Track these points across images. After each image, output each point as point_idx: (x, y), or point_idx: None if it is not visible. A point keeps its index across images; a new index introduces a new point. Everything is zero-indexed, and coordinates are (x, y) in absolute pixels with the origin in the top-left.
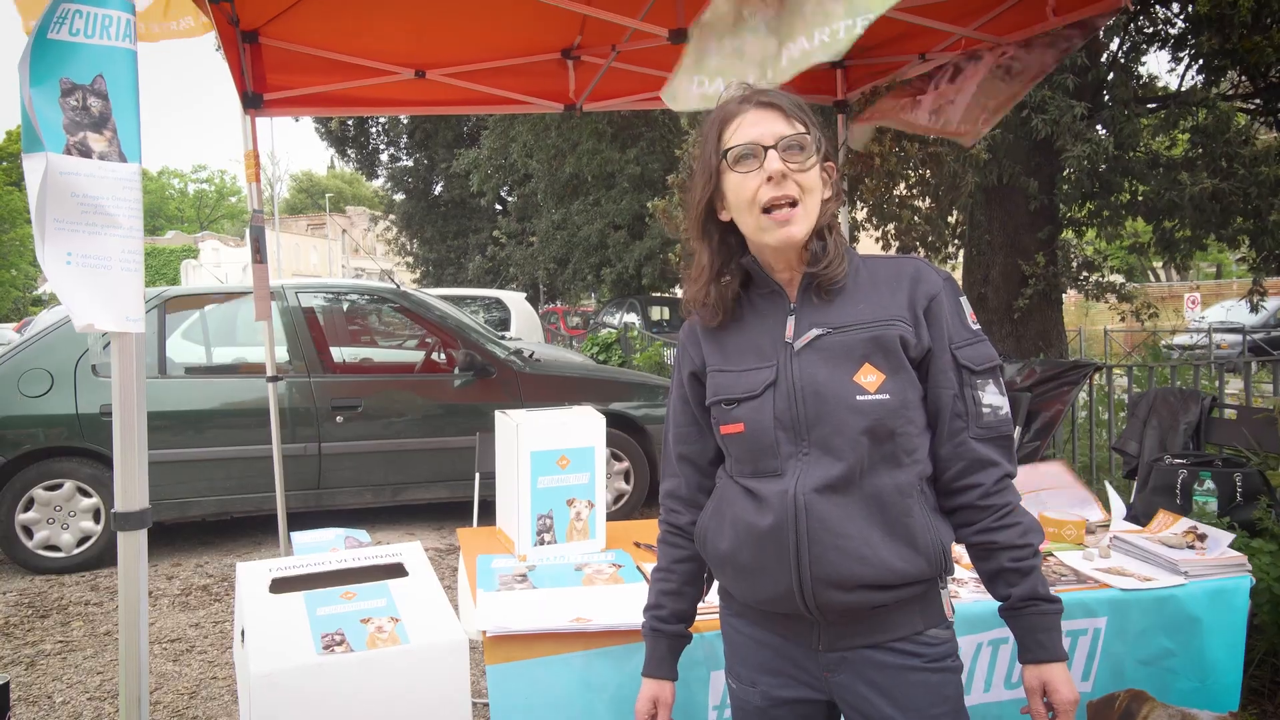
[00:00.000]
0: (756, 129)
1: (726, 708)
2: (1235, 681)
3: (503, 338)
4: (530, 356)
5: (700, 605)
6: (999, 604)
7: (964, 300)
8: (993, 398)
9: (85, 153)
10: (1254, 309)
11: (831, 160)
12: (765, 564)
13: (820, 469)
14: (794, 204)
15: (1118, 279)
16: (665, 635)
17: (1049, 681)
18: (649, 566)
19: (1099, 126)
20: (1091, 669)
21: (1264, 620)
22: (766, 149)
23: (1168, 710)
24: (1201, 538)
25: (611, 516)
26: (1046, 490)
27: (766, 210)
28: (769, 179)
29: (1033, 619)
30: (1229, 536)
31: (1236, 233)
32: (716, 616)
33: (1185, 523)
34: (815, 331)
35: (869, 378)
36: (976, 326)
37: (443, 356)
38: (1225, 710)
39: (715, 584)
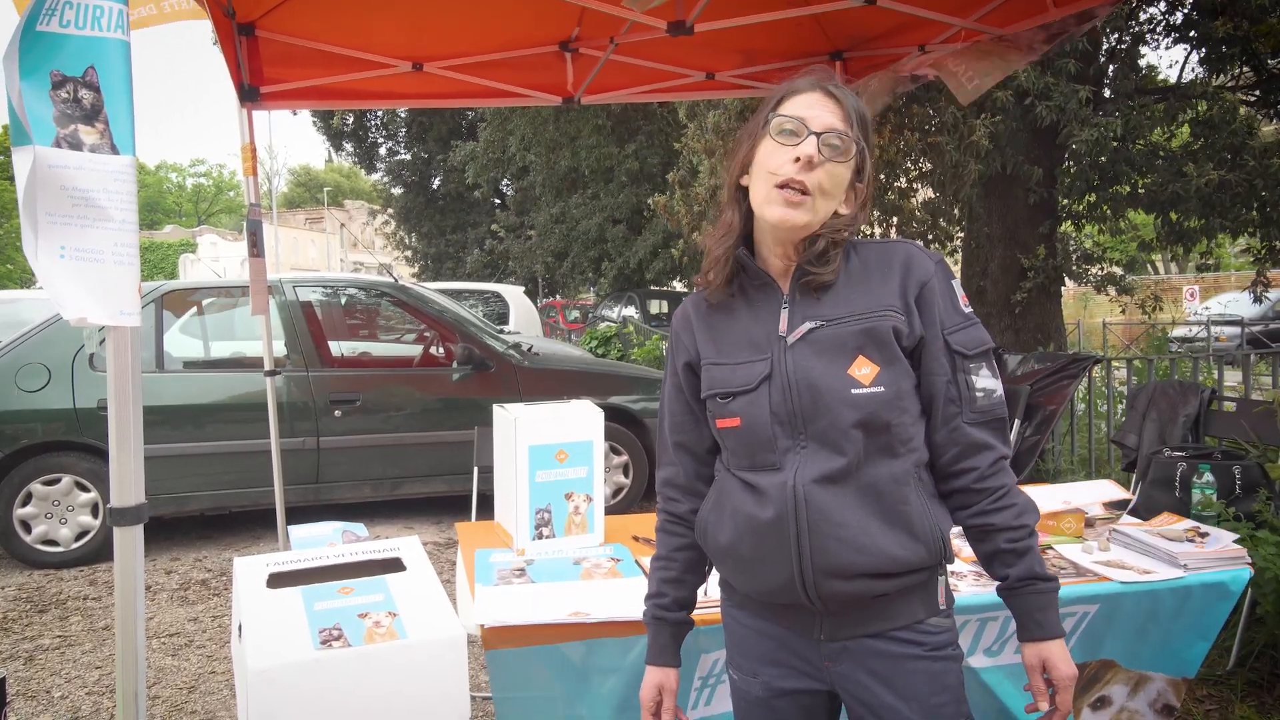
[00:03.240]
0: (811, 111)
1: (710, 678)
2: (1198, 654)
3: (501, 332)
4: (529, 350)
5: (705, 598)
6: (997, 584)
7: (956, 283)
8: (986, 381)
9: (76, 145)
10: (1258, 299)
11: (864, 183)
12: (766, 555)
13: (818, 462)
14: (806, 193)
15: (1118, 271)
16: (668, 623)
17: (1048, 659)
18: (647, 560)
19: (1100, 116)
20: (1071, 641)
21: (1267, 610)
22: (810, 132)
23: (1127, 674)
24: (1204, 535)
25: (610, 510)
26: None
27: (780, 185)
28: (797, 159)
29: (1030, 598)
30: (1231, 535)
31: (1242, 224)
32: (710, 610)
33: (1187, 523)
34: (808, 325)
35: (863, 370)
36: (968, 310)
37: (441, 351)
38: (1179, 675)
39: (715, 576)
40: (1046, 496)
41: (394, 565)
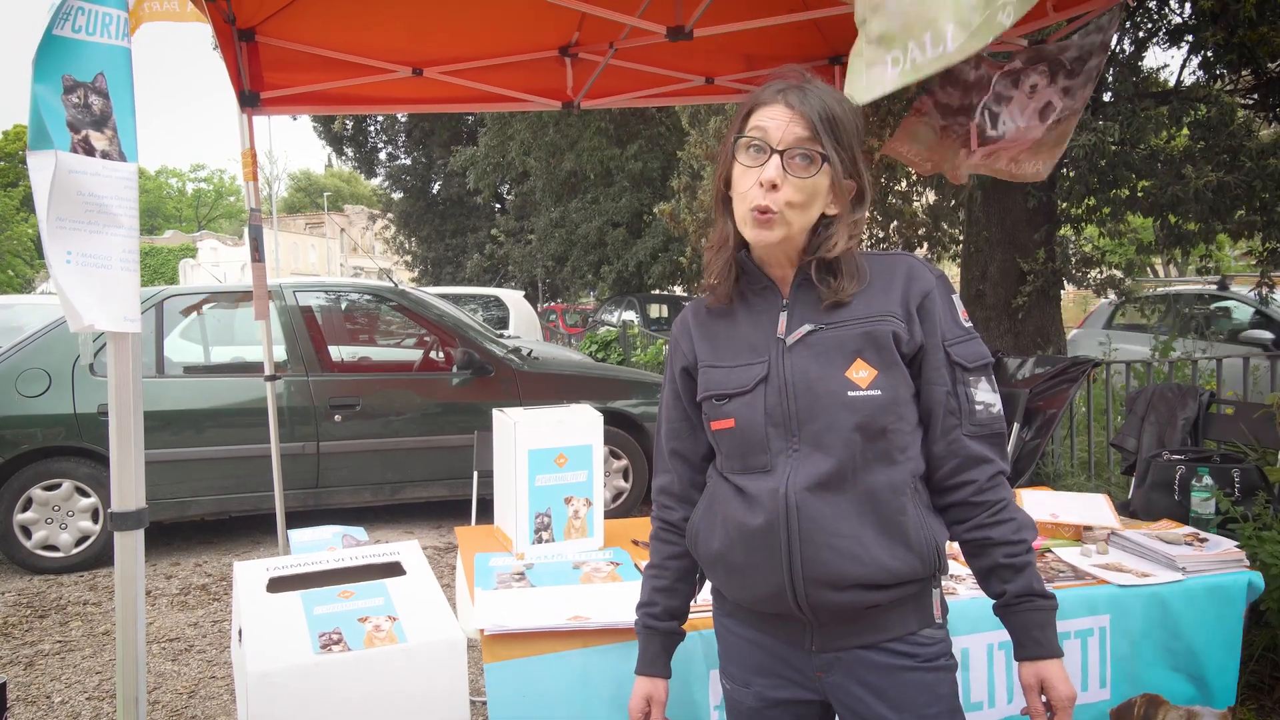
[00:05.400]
0: (774, 124)
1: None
2: (1231, 677)
3: (501, 336)
4: (528, 355)
5: (699, 604)
6: (993, 601)
7: (956, 298)
8: (985, 395)
9: (89, 151)
10: (1264, 301)
11: (854, 179)
12: (757, 564)
13: (810, 466)
14: (770, 213)
15: (1118, 274)
16: (659, 632)
17: (1046, 678)
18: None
19: (1100, 121)
20: (1107, 676)
21: (1269, 608)
22: (773, 151)
23: (1177, 711)
24: (1203, 540)
25: (610, 514)
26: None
27: (751, 209)
28: (759, 184)
29: (1028, 615)
30: (1229, 542)
31: (1242, 226)
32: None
33: (1186, 529)
34: (808, 327)
35: (861, 373)
36: (968, 324)
37: (441, 355)
38: (1224, 706)
39: (708, 583)
40: (1036, 505)
41: (394, 569)
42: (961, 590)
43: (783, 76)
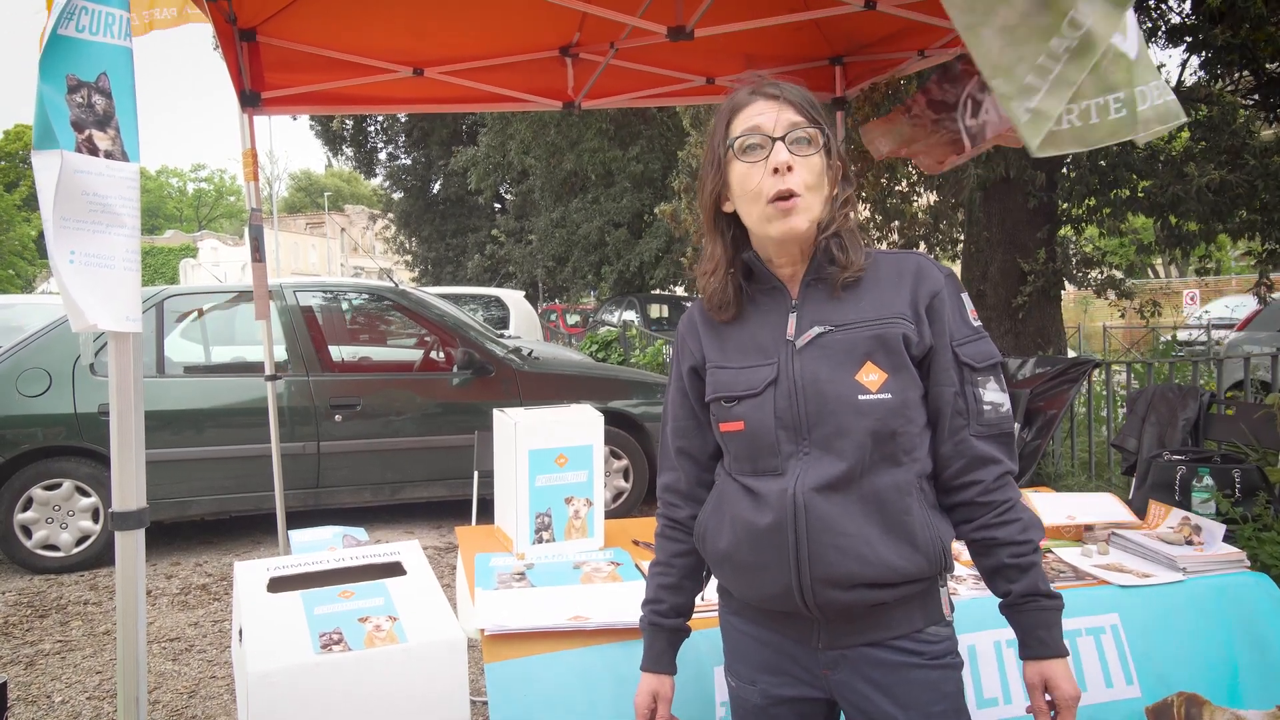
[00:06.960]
0: (765, 118)
1: None
2: (1270, 677)
3: (501, 336)
4: (529, 355)
5: (705, 602)
6: (999, 600)
7: (965, 296)
8: (994, 395)
9: (92, 150)
10: (1263, 301)
11: (840, 160)
12: (765, 562)
13: (821, 468)
14: (794, 196)
15: (1118, 274)
16: (665, 630)
17: (1050, 678)
18: (647, 565)
19: None
20: (1132, 673)
21: None
22: (774, 140)
23: (1223, 713)
24: (1197, 529)
25: (610, 514)
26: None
27: (771, 201)
28: (774, 170)
29: (1033, 615)
30: (1222, 528)
31: (1243, 226)
32: (715, 614)
33: (1178, 514)
34: (817, 329)
35: (871, 376)
36: (978, 323)
37: (441, 355)
38: (1271, 706)
39: (714, 581)
40: (1051, 509)
41: (394, 569)
42: (963, 590)
43: (742, 83)
